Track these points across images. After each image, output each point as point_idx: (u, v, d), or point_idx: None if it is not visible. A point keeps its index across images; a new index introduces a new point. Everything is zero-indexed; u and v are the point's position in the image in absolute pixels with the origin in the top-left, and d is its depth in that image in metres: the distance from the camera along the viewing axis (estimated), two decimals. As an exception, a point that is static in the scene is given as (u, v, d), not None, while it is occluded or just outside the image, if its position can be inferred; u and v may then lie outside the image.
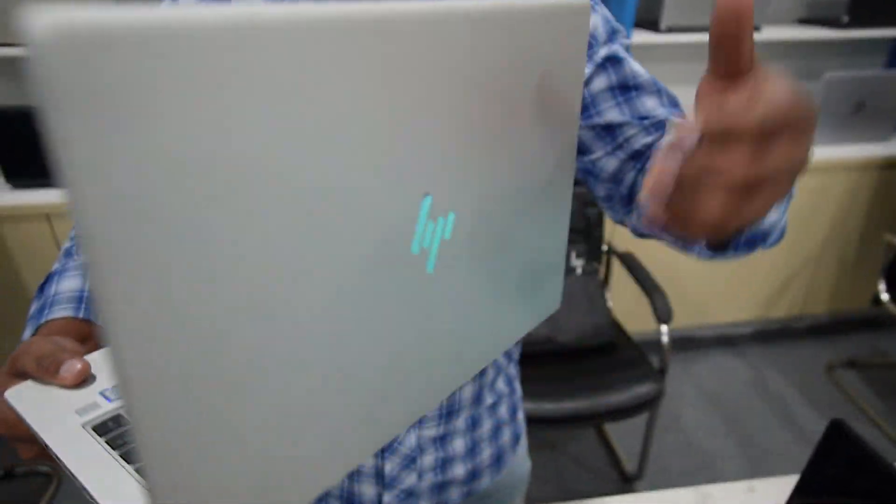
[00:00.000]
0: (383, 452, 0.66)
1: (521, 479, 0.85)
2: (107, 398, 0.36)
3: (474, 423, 0.71)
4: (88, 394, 0.36)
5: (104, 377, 0.38)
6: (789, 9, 2.11)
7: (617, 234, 1.91)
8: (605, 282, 1.85)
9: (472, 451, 0.73)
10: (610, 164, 0.57)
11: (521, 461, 0.84)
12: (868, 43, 2.14)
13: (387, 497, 0.69)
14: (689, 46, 2.09)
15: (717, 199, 0.26)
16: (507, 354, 0.74)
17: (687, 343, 2.24)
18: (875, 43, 2.15)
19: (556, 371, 1.51)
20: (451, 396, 0.66)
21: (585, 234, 1.72)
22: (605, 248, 1.80)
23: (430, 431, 0.67)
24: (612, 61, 0.56)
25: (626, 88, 0.56)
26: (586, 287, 1.66)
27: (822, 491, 0.62)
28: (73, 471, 0.31)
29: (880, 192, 2.01)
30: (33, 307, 0.52)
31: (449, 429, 0.69)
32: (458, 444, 0.71)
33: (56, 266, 0.56)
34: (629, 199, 0.56)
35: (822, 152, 1.97)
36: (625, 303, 1.95)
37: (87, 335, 0.48)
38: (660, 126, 0.55)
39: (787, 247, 2.06)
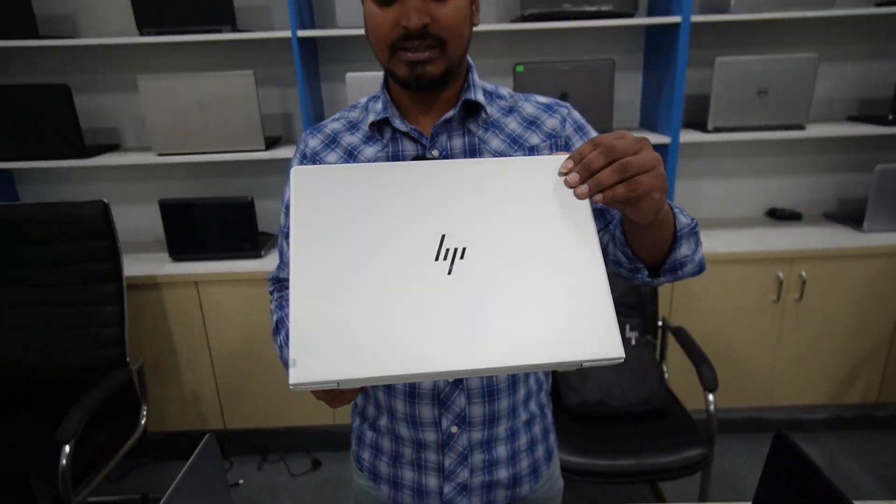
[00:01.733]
0: (444, 448, 0.90)
1: (555, 495, 1.04)
2: None
3: (513, 435, 0.93)
4: None
5: None
6: (840, 108, 2.28)
7: (673, 311, 2.06)
8: (662, 354, 1.98)
9: (513, 458, 0.94)
10: (604, 236, 0.82)
11: (555, 478, 1.03)
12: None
13: (446, 488, 0.92)
14: (733, 144, 2.30)
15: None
16: (538, 383, 0.97)
17: (755, 424, 2.26)
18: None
19: (608, 431, 1.65)
20: (490, 406, 0.89)
21: (639, 309, 1.90)
22: (660, 322, 1.96)
23: (477, 435, 0.90)
24: None
25: None
26: (640, 357, 1.81)
27: None
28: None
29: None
30: (280, 337, 0.86)
31: (492, 434, 0.91)
32: (501, 451, 0.93)
33: (276, 316, 0.89)
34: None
35: (879, 238, 2.05)
36: (691, 377, 2.05)
37: None
38: None
39: (855, 330, 2.10)
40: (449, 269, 0.53)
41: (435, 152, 0.82)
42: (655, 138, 2.05)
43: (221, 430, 2.20)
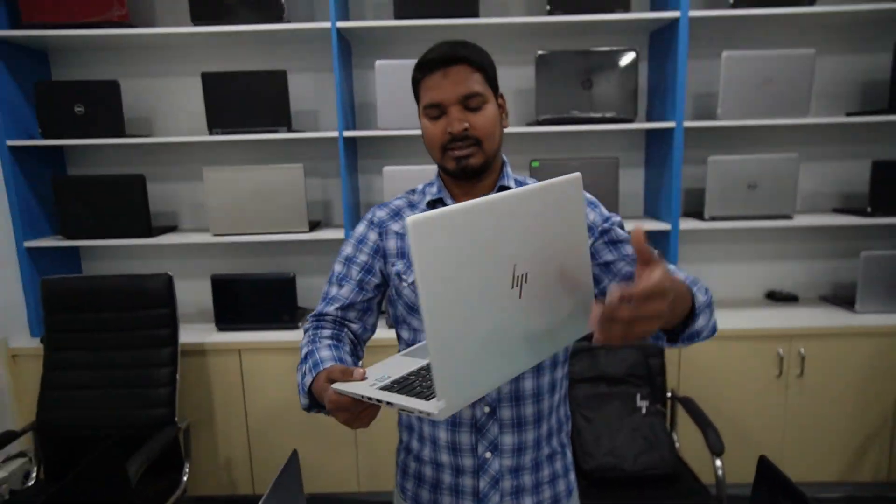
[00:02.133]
0: (479, 472, 1.05)
1: (576, 533, 1.16)
2: (376, 381, 0.81)
3: (537, 466, 1.08)
4: (368, 382, 0.82)
5: (372, 375, 0.83)
6: (825, 200, 2.52)
7: (681, 383, 2.20)
8: (672, 423, 2.10)
9: (536, 488, 1.09)
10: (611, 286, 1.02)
11: (575, 513, 1.16)
12: (891, 227, 2.48)
13: (480, 510, 1.06)
14: (729, 231, 2.54)
15: (617, 327, 0.71)
16: (559, 423, 1.13)
17: (769, 501, 2.30)
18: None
19: (623, 494, 1.75)
20: (519, 436, 1.05)
21: (648, 380, 2.04)
22: (669, 393, 2.09)
23: (507, 461, 1.06)
24: (606, 232, 1.04)
25: (615, 242, 1.04)
26: (651, 425, 1.93)
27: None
28: (379, 399, 0.73)
29: (940, 356, 2.16)
30: (305, 366, 0.98)
31: (520, 463, 1.06)
32: (527, 479, 1.07)
33: (306, 349, 1.04)
34: None
35: (871, 319, 2.21)
36: (703, 447, 2.15)
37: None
38: (633, 261, 1.01)
39: (858, 407, 2.21)
40: (519, 294, 0.70)
41: None
42: (657, 226, 2.29)
43: (250, 494, 2.30)
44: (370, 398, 0.75)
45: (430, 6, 2.13)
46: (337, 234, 2.31)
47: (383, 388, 0.77)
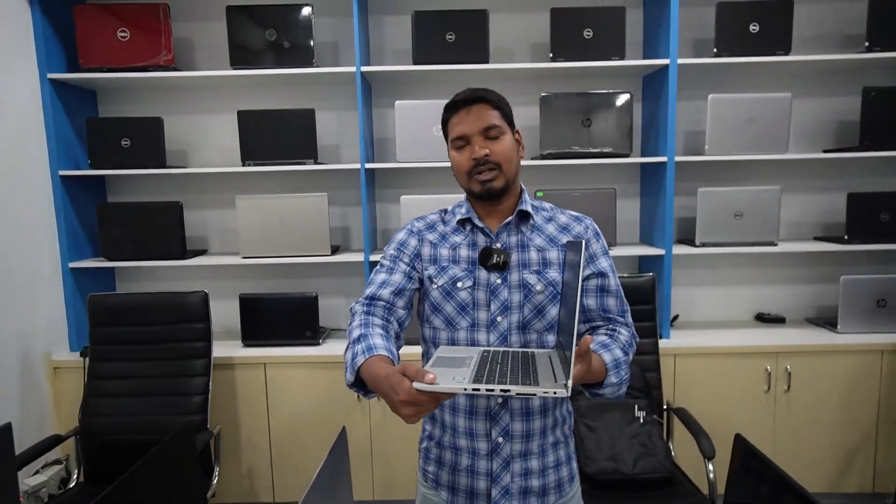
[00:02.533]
0: (492, 455, 1.21)
1: (576, 511, 1.32)
2: (454, 379, 0.95)
3: (543, 452, 1.25)
4: (454, 379, 0.95)
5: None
6: (808, 229, 2.73)
7: (676, 396, 2.36)
8: (669, 432, 2.25)
9: (543, 472, 1.25)
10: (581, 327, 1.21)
11: (577, 497, 1.32)
12: (867, 253, 2.69)
13: (493, 491, 1.22)
14: (719, 256, 2.73)
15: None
16: (562, 416, 1.29)
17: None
18: (873, 254, 2.69)
19: (622, 496, 1.90)
20: (527, 424, 1.22)
21: (646, 393, 2.20)
22: (664, 406, 2.25)
23: (517, 446, 1.22)
24: (602, 275, 1.24)
25: (603, 290, 1.23)
26: (649, 433, 2.09)
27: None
28: (490, 389, 0.86)
29: (917, 373, 2.33)
30: (358, 347, 1.12)
31: (528, 448, 1.23)
32: (534, 463, 1.24)
33: (359, 332, 1.17)
34: None
35: (852, 338, 2.39)
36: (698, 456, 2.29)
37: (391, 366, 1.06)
38: (609, 319, 1.21)
39: (843, 421, 2.36)
40: None
41: (498, 244, 1.23)
42: (652, 251, 2.49)
43: (271, 502, 2.43)
44: (478, 389, 0.87)
45: (445, 53, 2.38)
46: (357, 257, 2.51)
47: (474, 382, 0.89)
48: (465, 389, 0.87)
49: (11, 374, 2.23)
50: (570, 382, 0.84)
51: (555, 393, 0.84)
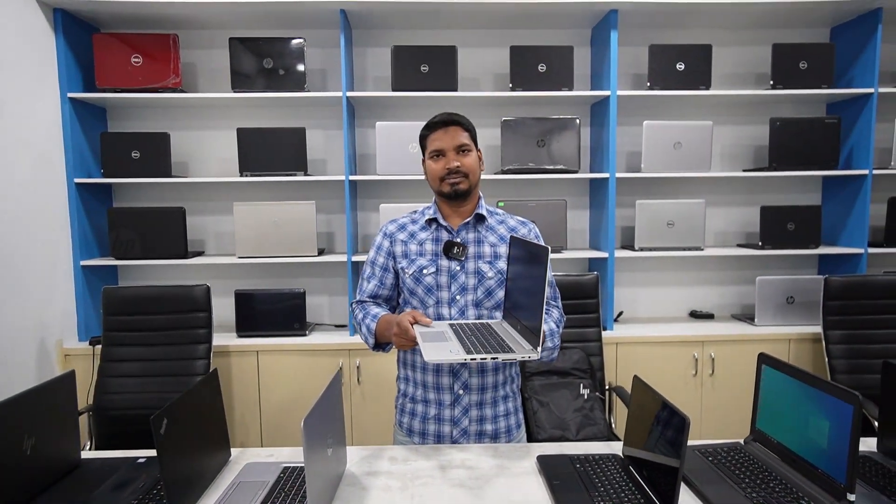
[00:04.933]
0: (454, 404, 1.55)
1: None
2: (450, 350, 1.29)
3: (495, 402, 1.59)
4: (448, 349, 1.29)
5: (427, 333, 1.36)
6: (732, 237, 3.17)
7: (618, 378, 2.73)
8: (609, 407, 2.62)
9: (494, 419, 1.59)
10: None
11: (522, 442, 1.65)
12: (778, 257, 3.13)
13: (454, 432, 1.56)
14: (654, 259, 3.15)
15: None
16: (511, 378, 1.62)
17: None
18: (783, 258, 3.14)
19: (567, 456, 2.25)
20: (482, 379, 1.56)
21: (590, 374, 2.57)
22: (607, 386, 2.62)
23: (475, 397, 1.56)
24: None
25: None
26: (591, 408, 2.45)
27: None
28: (483, 358, 1.20)
29: (817, 362, 2.75)
30: (367, 320, 1.55)
31: (482, 399, 1.57)
32: (488, 412, 1.58)
33: (361, 314, 1.58)
34: None
35: (766, 330, 2.80)
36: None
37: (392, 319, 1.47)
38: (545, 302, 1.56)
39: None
40: None
41: (458, 239, 1.58)
42: (598, 254, 2.88)
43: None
44: (475, 359, 1.21)
45: (420, 81, 2.77)
46: (340, 258, 2.84)
47: (468, 353, 1.22)
48: (465, 360, 1.20)
49: (29, 360, 2.49)
50: (539, 349, 1.19)
51: (529, 357, 1.19)
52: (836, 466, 1.15)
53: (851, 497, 1.11)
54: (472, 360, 1.20)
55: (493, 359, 1.20)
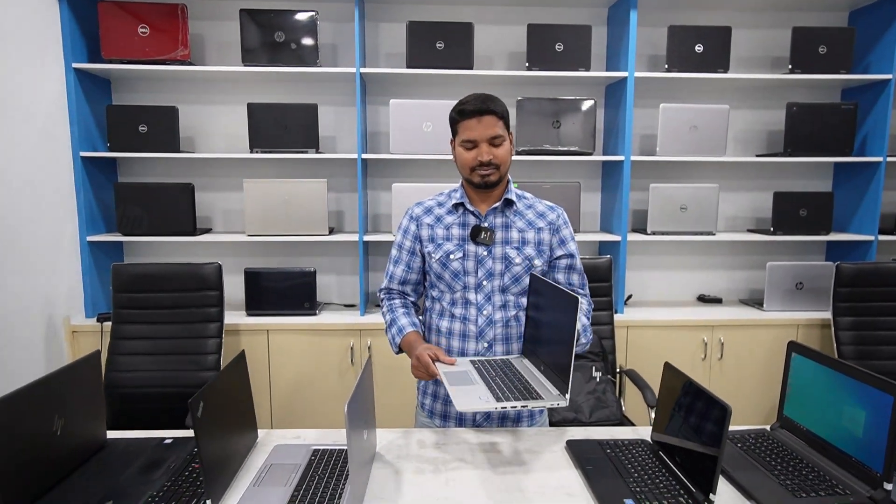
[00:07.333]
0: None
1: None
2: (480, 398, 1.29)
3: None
4: (477, 395, 1.29)
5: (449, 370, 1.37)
6: (742, 223, 3.17)
7: (628, 361, 2.75)
8: (621, 389, 2.64)
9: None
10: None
11: (545, 425, 1.66)
12: (789, 243, 3.14)
13: (477, 416, 1.55)
14: (666, 243, 3.15)
15: None
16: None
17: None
18: (794, 244, 3.15)
19: (580, 438, 2.27)
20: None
21: (602, 357, 2.58)
22: (618, 369, 2.64)
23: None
24: (571, 256, 1.58)
25: (571, 269, 1.58)
26: (604, 390, 2.47)
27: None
28: (514, 406, 1.21)
29: (825, 348, 2.78)
30: (393, 330, 1.53)
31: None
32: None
33: (389, 317, 1.57)
34: None
35: (775, 315, 2.82)
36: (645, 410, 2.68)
37: (420, 339, 1.48)
38: (573, 290, 1.55)
39: (766, 383, 2.79)
40: None
41: (486, 224, 1.56)
42: (610, 237, 2.87)
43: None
44: (506, 407, 1.22)
45: (434, 59, 2.71)
46: (351, 237, 2.81)
47: (498, 401, 1.23)
48: (496, 408, 1.23)
49: (37, 336, 2.46)
50: (568, 395, 1.19)
51: (558, 405, 1.21)
52: (873, 455, 1.16)
53: (888, 486, 1.12)
54: (502, 408, 1.23)
55: (524, 406, 1.23)
